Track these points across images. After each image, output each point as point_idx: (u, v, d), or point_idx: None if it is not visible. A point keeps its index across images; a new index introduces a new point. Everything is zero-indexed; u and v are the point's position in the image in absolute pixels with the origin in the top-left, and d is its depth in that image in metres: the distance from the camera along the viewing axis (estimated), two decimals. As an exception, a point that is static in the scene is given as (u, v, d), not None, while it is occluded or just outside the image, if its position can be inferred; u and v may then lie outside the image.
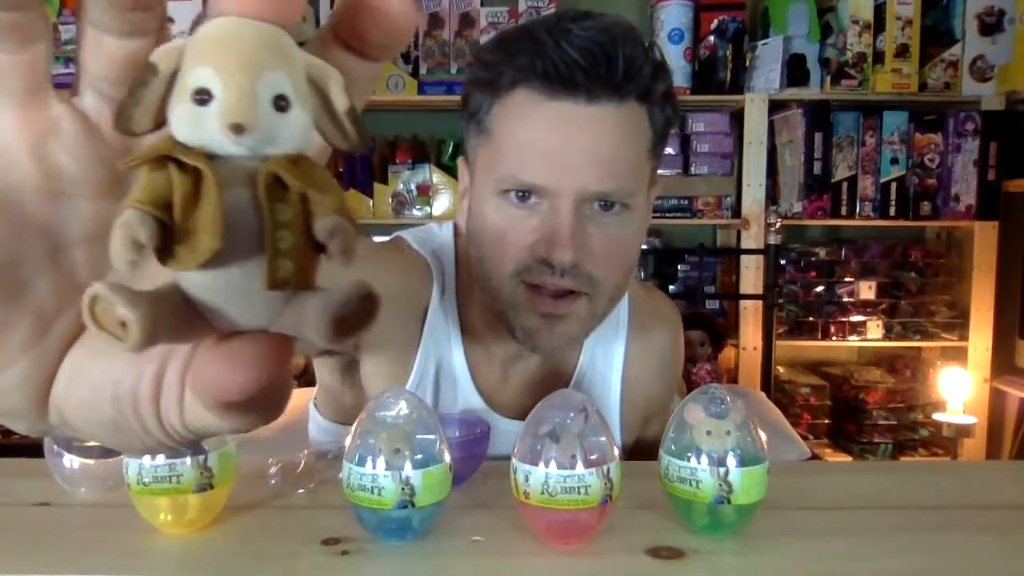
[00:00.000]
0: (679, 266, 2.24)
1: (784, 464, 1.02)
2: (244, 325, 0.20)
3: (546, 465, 0.57)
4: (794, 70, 2.07)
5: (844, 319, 2.20)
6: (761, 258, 1.95)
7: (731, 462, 0.59)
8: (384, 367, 0.86)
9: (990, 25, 2.06)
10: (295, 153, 0.19)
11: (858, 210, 2.13)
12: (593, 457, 0.57)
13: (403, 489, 0.57)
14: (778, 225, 1.87)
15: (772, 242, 1.87)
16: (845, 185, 2.12)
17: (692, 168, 2.13)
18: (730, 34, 2.06)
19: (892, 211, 2.13)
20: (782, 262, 2.15)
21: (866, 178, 2.13)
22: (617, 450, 0.59)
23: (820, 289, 2.21)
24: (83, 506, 0.69)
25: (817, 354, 2.33)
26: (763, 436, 0.61)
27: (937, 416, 2.07)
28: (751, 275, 2.06)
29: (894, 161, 2.13)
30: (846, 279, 2.21)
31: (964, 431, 1.99)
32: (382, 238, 0.97)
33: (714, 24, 2.06)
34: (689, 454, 0.60)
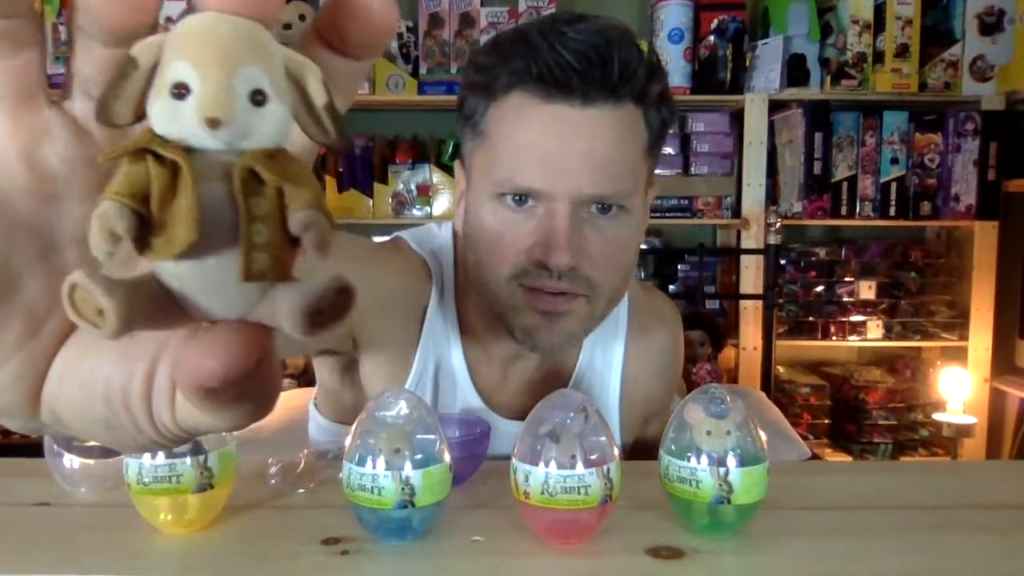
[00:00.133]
0: (679, 266, 2.24)
1: (784, 464, 1.02)
2: (221, 315, 0.20)
3: (546, 465, 0.57)
4: (794, 70, 2.07)
5: (844, 319, 2.20)
6: (761, 258, 1.95)
7: (731, 462, 0.59)
8: (383, 367, 0.85)
9: (990, 25, 2.06)
10: (272, 147, 0.19)
11: (858, 210, 2.13)
12: (593, 457, 0.57)
13: (403, 489, 0.57)
14: (778, 225, 1.87)
15: (772, 242, 1.87)
16: (845, 185, 2.12)
17: (692, 168, 2.13)
18: (730, 34, 2.06)
19: (892, 211, 2.13)
20: (782, 262, 2.15)
21: (866, 178, 2.13)
22: (617, 450, 0.59)
23: (820, 289, 2.21)
24: (83, 506, 0.69)
25: (817, 354, 2.33)
26: (763, 436, 0.61)
27: (937, 416, 2.07)
28: (751, 275, 2.06)
29: (894, 161, 2.13)
30: (846, 279, 2.21)
31: (964, 431, 1.99)
32: (382, 238, 0.97)
33: (714, 24, 2.05)
34: (689, 454, 0.60)
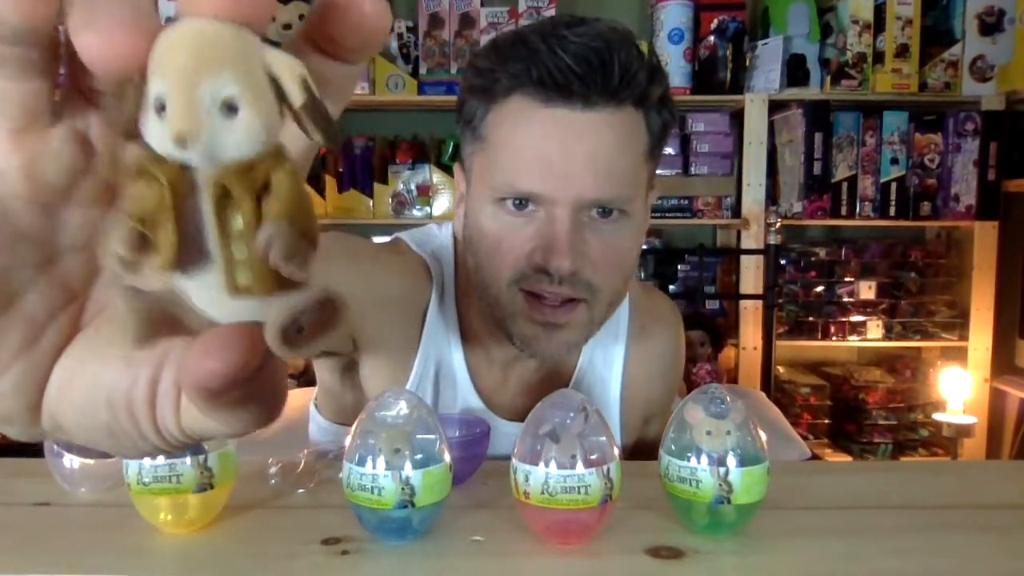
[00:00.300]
0: (679, 266, 2.23)
1: (784, 464, 1.02)
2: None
3: (546, 465, 0.57)
4: (794, 70, 2.07)
5: (844, 319, 2.20)
6: (761, 258, 1.95)
7: (731, 462, 0.59)
8: (383, 368, 0.85)
9: (990, 25, 2.06)
10: (251, 157, 0.18)
11: (858, 210, 2.13)
12: (593, 457, 0.57)
13: (403, 489, 0.57)
14: (778, 225, 1.87)
15: (772, 242, 1.87)
16: (845, 185, 2.12)
17: (692, 168, 2.13)
18: (730, 34, 2.05)
19: (892, 211, 2.13)
20: (782, 262, 2.15)
21: (866, 178, 2.13)
22: (617, 450, 0.59)
23: (820, 289, 2.21)
24: (83, 506, 0.69)
25: (817, 354, 2.33)
26: (763, 436, 0.61)
27: (937, 416, 2.07)
28: (751, 275, 2.06)
29: (894, 161, 2.13)
30: (846, 279, 2.21)
31: (964, 431, 1.99)
32: (382, 239, 0.97)
33: (714, 24, 2.05)
34: (689, 454, 0.60)
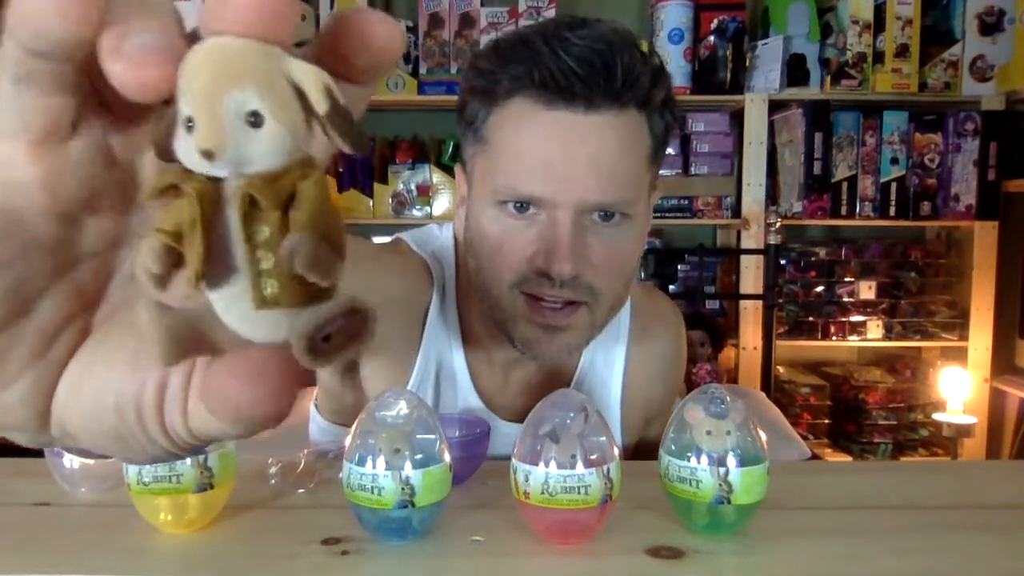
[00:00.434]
0: (679, 266, 2.23)
1: (784, 464, 1.01)
2: (259, 341, 0.20)
3: (546, 465, 0.57)
4: (794, 70, 2.07)
5: (844, 319, 2.20)
6: (761, 258, 1.95)
7: (731, 462, 0.59)
8: (384, 369, 0.85)
9: (990, 25, 2.06)
10: (276, 169, 0.18)
11: (858, 210, 2.13)
12: (593, 457, 0.57)
13: (403, 489, 0.57)
14: (778, 225, 1.87)
15: (772, 242, 1.87)
16: (845, 185, 2.12)
17: (692, 168, 2.13)
18: (730, 34, 2.05)
19: (892, 211, 2.13)
20: (782, 262, 2.15)
21: (866, 178, 2.13)
22: (617, 450, 0.59)
23: (820, 289, 2.21)
24: (83, 506, 0.69)
25: (817, 354, 2.33)
26: (763, 436, 0.61)
27: (937, 416, 2.07)
28: (751, 275, 2.06)
29: (894, 161, 2.13)
30: (846, 279, 2.21)
31: (964, 431, 1.99)
32: (382, 239, 0.97)
33: (714, 24, 2.05)
34: (689, 454, 0.60)
